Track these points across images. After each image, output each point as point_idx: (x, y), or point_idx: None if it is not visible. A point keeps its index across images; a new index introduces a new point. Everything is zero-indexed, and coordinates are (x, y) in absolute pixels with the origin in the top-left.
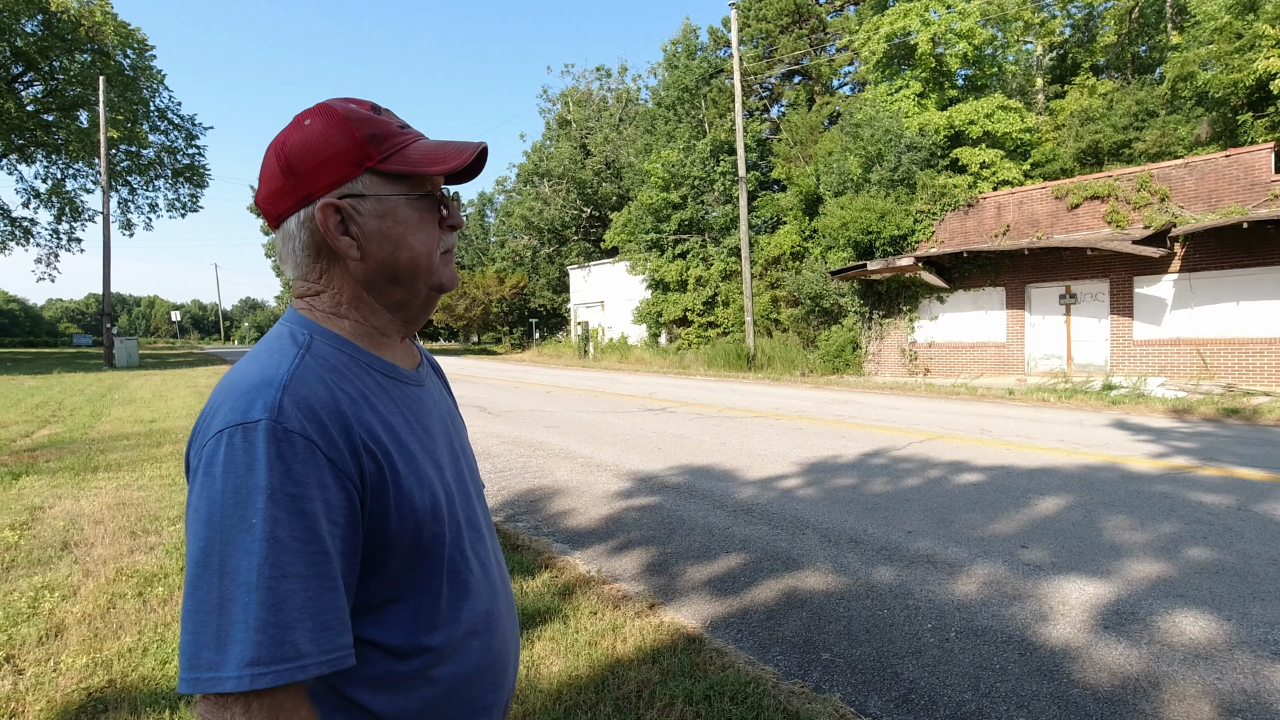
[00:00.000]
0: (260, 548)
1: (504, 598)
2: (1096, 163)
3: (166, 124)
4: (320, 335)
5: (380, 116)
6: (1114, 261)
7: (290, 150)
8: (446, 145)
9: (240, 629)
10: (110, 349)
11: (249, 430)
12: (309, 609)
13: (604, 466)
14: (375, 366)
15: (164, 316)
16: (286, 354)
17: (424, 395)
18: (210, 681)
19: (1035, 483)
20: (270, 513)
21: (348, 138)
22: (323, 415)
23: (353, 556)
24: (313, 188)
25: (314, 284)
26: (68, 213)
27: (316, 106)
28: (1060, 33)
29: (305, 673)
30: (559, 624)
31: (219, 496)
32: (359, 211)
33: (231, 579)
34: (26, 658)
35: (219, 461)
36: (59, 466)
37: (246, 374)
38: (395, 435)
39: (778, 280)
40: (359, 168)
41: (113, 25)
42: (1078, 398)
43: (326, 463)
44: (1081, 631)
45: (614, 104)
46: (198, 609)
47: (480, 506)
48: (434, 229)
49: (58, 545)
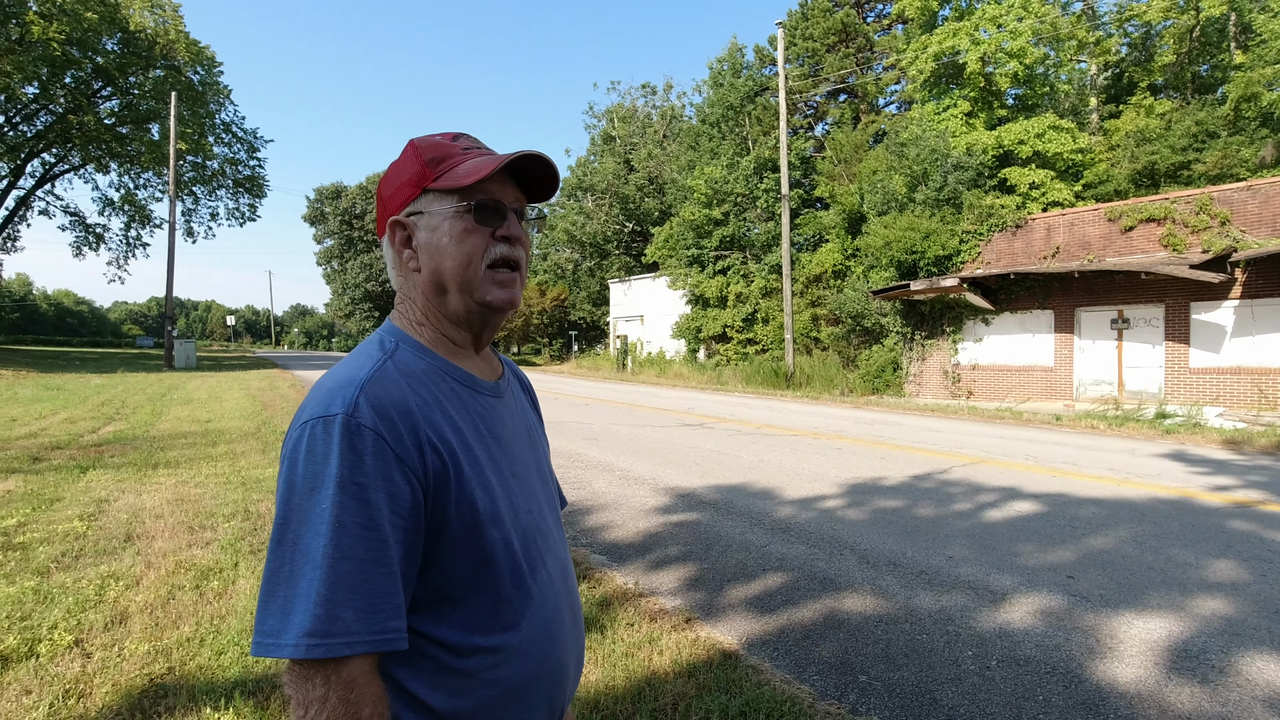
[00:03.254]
0: (326, 529)
1: (569, 609)
2: (1152, 185)
3: (230, 137)
4: (405, 343)
5: (454, 143)
6: (1170, 286)
7: (381, 182)
8: (490, 159)
9: (302, 601)
10: (170, 351)
11: (328, 423)
12: (362, 590)
13: (642, 480)
14: (453, 375)
15: (220, 320)
16: (372, 358)
17: (500, 406)
18: (272, 646)
19: (1083, 511)
20: (338, 499)
21: (415, 163)
22: (393, 414)
23: (413, 548)
24: (391, 210)
25: (402, 295)
26: (137, 220)
27: (406, 144)
28: (1116, 52)
29: (352, 649)
30: (596, 634)
31: (298, 480)
32: (418, 227)
33: (301, 555)
34: (94, 642)
35: (301, 449)
36: (123, 462)
37: (336, 374)
38: (463, 439)
39: (819, 298)
40: (419, 188)
41: (185, 43)
42: (1129, 425)
43: (394, 457)
44: (1133, 668)
45: (658, 120)
46: (271, 578)
47: (553, 518)
48: (481, 240)
49: (122, 537)
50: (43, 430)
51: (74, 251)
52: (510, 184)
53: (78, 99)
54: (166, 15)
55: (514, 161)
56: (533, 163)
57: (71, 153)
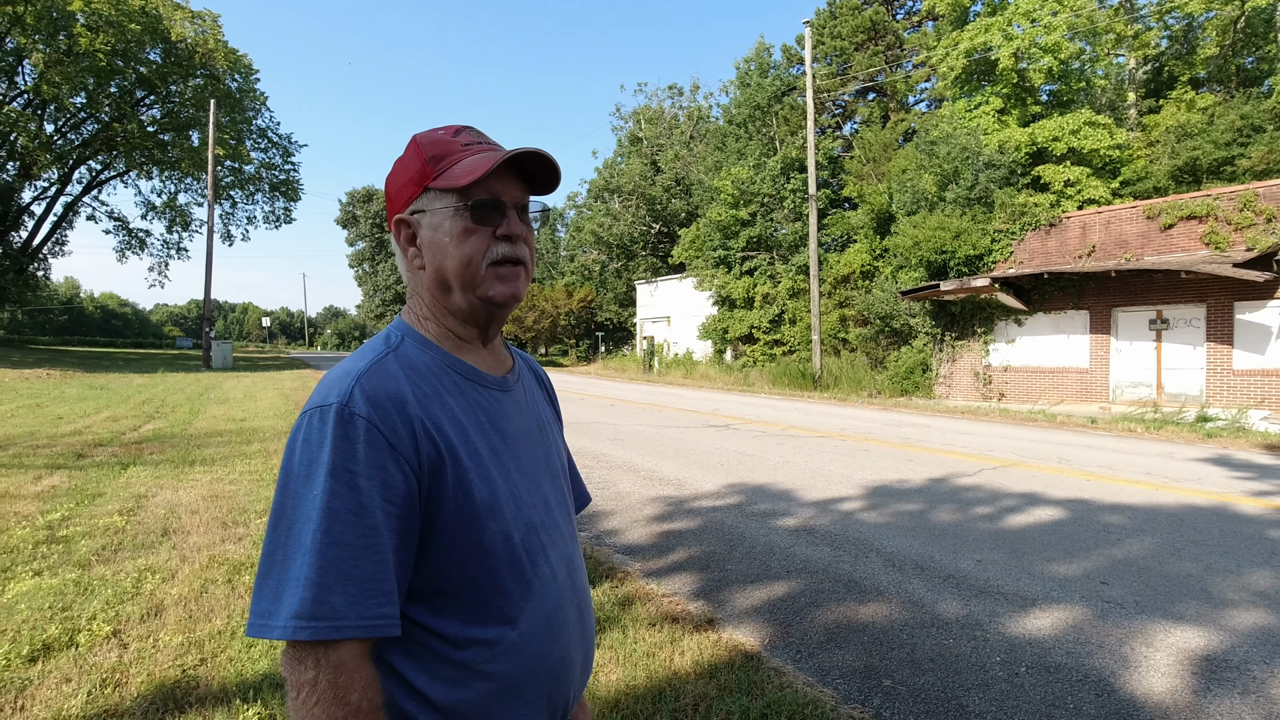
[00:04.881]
0: (318, 515)
1: (574, 606)
2: (1194, 181)
3: (266, 142)
4: (411, 337)
5: (455, 139)
6: (1212, 285)
7: (387, 180)
8: (487, 156)
9: (293, 585)
10: (208, 351)
11: (324, 412)
12: (353, 576)
13: (666, 480)
14: (456, 369)
15: (256, 322)
16: (375, 351)
17: (506, 400)
18: (263, 627)
19: (1118, 517)
20: (329, 485)
21: (417, 161)
22: (387, 403)
23: (408, 536)
24: (396, 207)
25: (410, 290)
26: (178, 223)
27: (410, 139)
28: (1155, 45)
29: (340, 633)
30: (618, 633)
31: (294, 467)
32: (421, 225)
33: (293, 540)
34: (130, 633)
35: (299, 438)
36: (161, 459)
37: (339, 367)
38: (463, 431)
39: (846, 299)
40: (420, 186)
41: (223, 52)
42: (1168, 429)
43: (387, 446)
44: (1168, 677)
45: (685, 121)
46: (266, 562)
47: (561, 513)
48: (482, 239)
49: (159, 531)
50: (87, 428)
51: (118, 255)
52: (513, 180)
53: (122, 107)
54: (206, 25)
55: (517, 155)
56: (532, 158)
57: (116, 159)
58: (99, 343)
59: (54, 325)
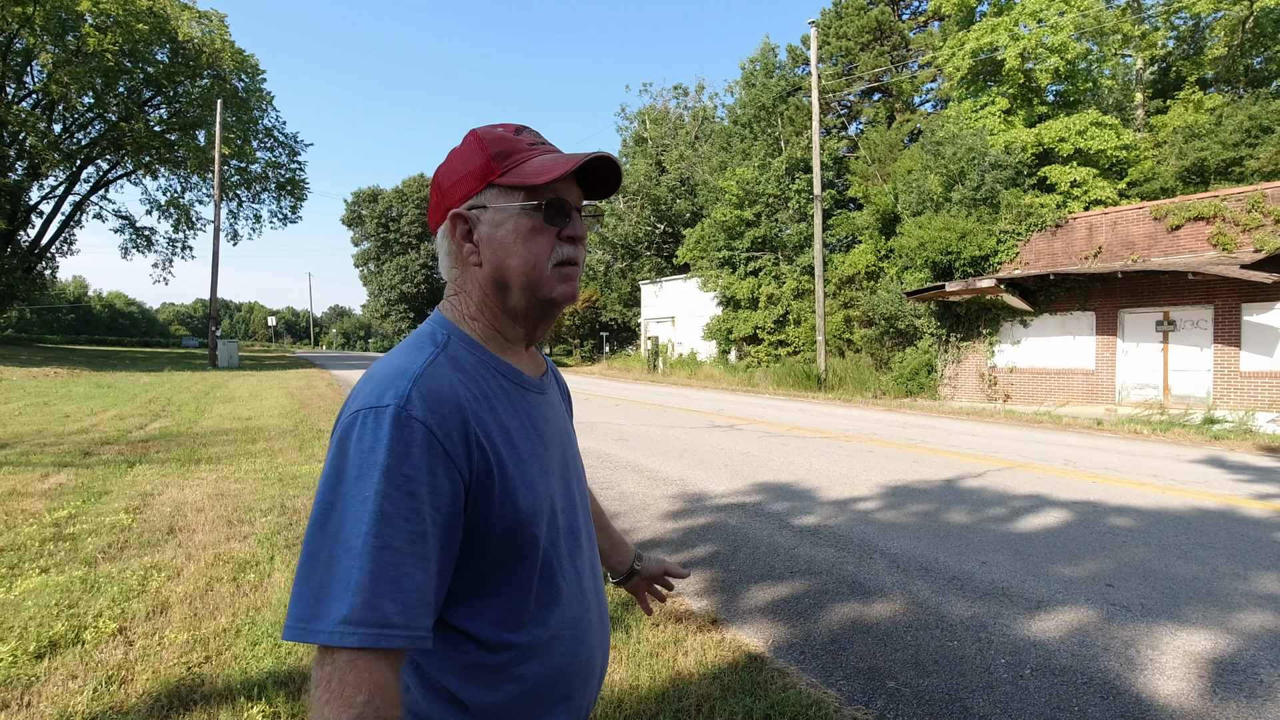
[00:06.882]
0: (370, 518)
1: (596, 609)
2: (1201, 182)
3: (272, 141)
4: (457, 336)
5: (518, 137)
6: (1219, 287)
7: (440, 172)
8: (560, 158)
9: (340, 588)
10: (214, 350)
11: (380, 413)
12: (402, 583)
13: (670, 480)
14: (502, 371)
15: (261, 321)
16: (424, 350)
17: (544, 404)
18: (307, 632)
19: (1124, 519)
20: (383, 489)
21: (480, 156)
22: (444, 408)
23: (450, 545)
24: (451, 201)
25: (455, 287)
26: (183, 222)
27: (468, 133)
28: (1163, 45)
29: (389, 641)
30: (621, 633)
31: (345, 468)
32: (480, 221)
33: (341, 542)
34: (136, 630)
35: (351, 437)
36: (167, 457)
37: (387, 365)
38: (509, 437)
39: (851, 300)
40: (483, 182)
41: (230, 52)
42: (1174, 431)
43: (441, 452)
44: (1175, 681)
45: (690, 122)
46: (309, 562)
47: (584, 517)
48: (548, 240)
49: (164, 530)
50: (94, 426)
51: (122, 253)
52: (573, 182)
53: (129, 107)
54: (212, 25)
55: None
56: (600, 163)
57: (124, 159)
58: (106, 341)
59: (62, 324)
